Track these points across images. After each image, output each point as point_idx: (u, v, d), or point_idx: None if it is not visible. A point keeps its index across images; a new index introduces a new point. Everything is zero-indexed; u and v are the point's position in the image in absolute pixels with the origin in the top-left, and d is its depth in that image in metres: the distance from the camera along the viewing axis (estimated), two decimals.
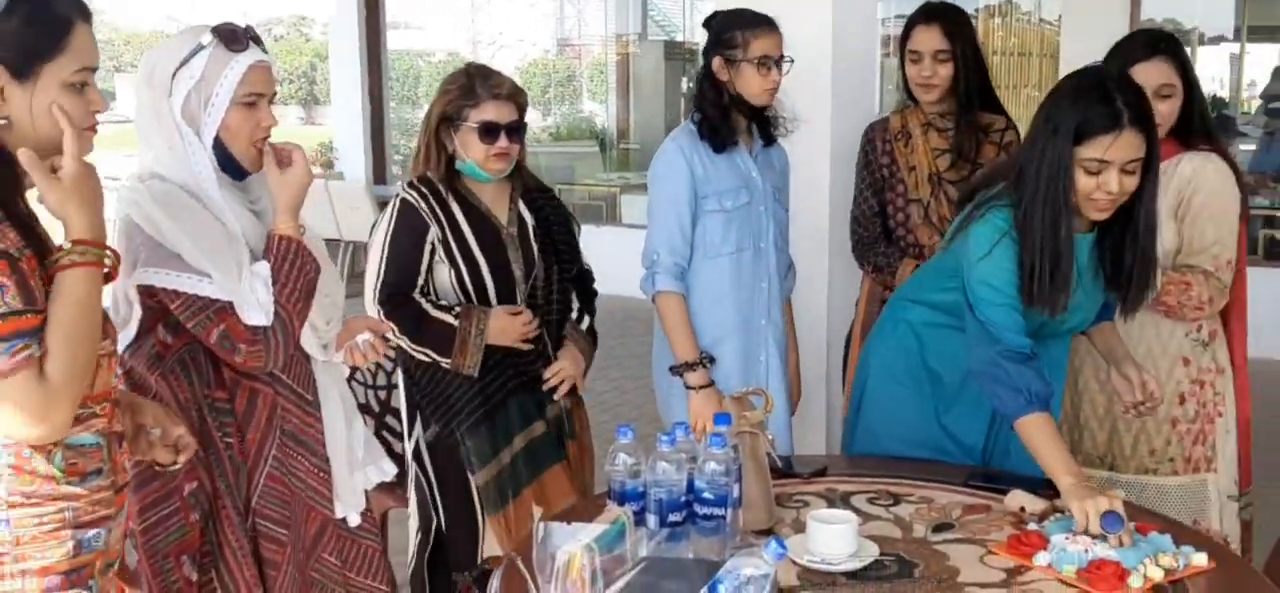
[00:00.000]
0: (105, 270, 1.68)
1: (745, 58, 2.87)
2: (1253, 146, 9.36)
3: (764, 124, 3.00)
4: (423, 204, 2.77)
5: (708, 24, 2.97)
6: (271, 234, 2.05)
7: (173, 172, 2.07)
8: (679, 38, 13.09)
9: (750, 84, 2.89)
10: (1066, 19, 8.38)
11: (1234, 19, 10.32)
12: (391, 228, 2.78)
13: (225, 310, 2.03)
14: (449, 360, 2.74)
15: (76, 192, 1.64)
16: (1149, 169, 2.21)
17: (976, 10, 11.91)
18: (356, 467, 2.33)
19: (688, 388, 2.92)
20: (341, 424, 2.30)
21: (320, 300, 2.16)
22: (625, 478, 2.00)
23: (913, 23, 3.19)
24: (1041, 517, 2.14)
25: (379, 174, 10.18)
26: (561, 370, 2.87)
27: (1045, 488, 2.26)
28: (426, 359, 2.78)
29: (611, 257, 3.68)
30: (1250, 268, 2.91)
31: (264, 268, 2.06)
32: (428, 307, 2.75)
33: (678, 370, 2.93)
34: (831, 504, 2.26)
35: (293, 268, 1.90)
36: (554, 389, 2.86)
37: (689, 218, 2.92)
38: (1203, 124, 2.78)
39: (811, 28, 3.36)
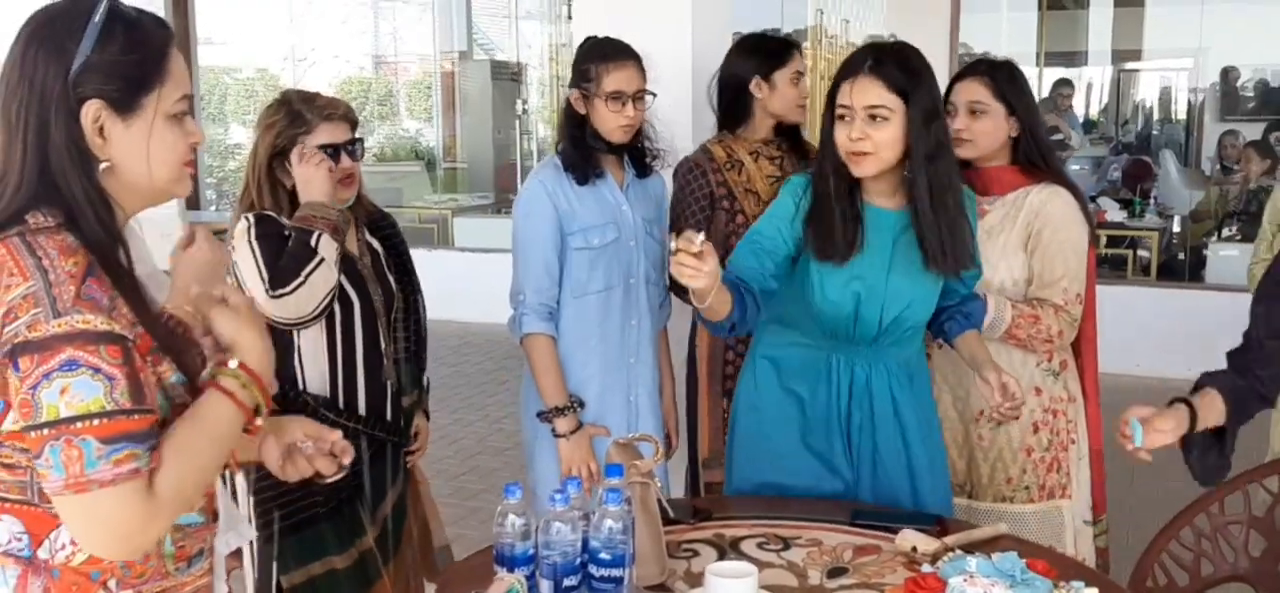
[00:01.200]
0: (258, 420, 1.49)
1: (598, 93, 2.77)
2: None
3: (636, 155, 2.91)
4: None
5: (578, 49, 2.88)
6: None
7: None
8: (502, 56, 12.97)
9: (604, 120, 2.79)
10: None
11: (1035, 45, 10.95)
12: (252, 236, 2.46)
13: None
14: (332, 242, 2.43)
15: (252, 317, 1.47)
16: (917, 128, 2.28)
17: (793, 32, 12.23)
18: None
19: (556, 435, 2.80)
20: None
21: None
22: (515, 541, 1.87)
23: (792, 50, 3.18)
24: (934, 558, 2.12)
25: (191, 199, 9.69)
26: (422, 452, 2.83)
27: (936, 525, 2.25)
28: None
29: (447, 281, 3.52)
30: None
31: None
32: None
33: (546, 416, 2.81)
34: (722, 552, 2.19)
35: None
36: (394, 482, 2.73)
37: (555, 256, 2.81)
38: (1041, 154, 2.81)
39: (672, 55, 3.30)
